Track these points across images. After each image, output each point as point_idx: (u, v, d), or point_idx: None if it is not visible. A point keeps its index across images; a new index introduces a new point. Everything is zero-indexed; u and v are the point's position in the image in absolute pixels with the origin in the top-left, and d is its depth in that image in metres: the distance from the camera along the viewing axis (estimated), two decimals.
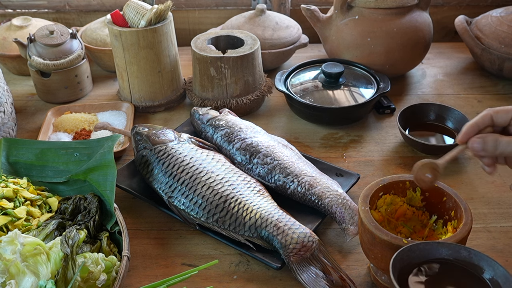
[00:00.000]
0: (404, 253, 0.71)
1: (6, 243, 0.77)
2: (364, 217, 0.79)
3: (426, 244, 0.72)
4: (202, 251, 0.95)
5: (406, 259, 0.70)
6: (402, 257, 0.70)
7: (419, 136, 1.19)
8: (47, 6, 1.71)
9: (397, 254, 0.70)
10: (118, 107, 1.33)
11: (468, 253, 0.71)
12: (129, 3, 1.25)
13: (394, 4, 1.32)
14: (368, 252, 0.82)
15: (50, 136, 1.23)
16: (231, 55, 1.23)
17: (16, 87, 1.47)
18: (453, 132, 1.20)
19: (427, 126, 1.23)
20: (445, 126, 1.22)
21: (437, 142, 1.19)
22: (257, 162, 1.04)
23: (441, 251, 0.72)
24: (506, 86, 1.42)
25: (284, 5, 1.65)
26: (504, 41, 1.36)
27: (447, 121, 1.22)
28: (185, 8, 1.70)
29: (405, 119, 1.21)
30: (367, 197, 0.83)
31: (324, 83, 1.29)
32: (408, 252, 0.71)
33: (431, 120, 1.24)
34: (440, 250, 0.72)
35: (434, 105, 1.24)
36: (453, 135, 1.19)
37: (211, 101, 1.28)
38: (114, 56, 1.29)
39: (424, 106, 1.24)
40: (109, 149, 0.98)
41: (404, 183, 0.87)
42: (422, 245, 0.72)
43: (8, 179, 0.98)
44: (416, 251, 0.71)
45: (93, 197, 0.94)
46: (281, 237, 0.88)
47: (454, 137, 1.18)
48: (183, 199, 0.97)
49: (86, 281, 0.78)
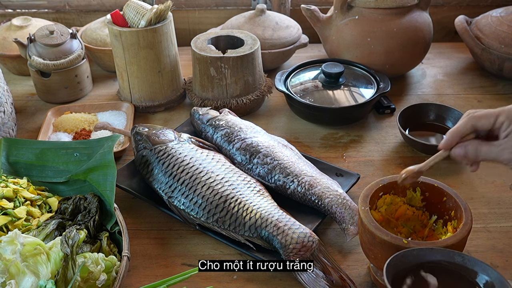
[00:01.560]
0: (398, 259, 0.71)
1: (6, 243, 0.77)
2: (364, 217, 0.79)
3: (419, 250, 0.72)
4: (202, 251, 0.95)
5: (400, 265, 0.70)
6: (396, 262, 0.70)
7: (419, 136, 1.19)
8: (47, 6, 1.71)
9: (391, 259, 0.70)
10: (118, 107, 1.33)
11: (462, 259, 0.71)
12: (129, 3, 1.25)
13: (394, 4, 1.32)
14: (368, 252, 0.82)
15: (50, 136, 1.23)
16: (231, 55, 1.23)
17: (16, 87, 1.47)
18: None
19: (427, 126, 1.23)
20: (445, 126, 1.22)
21: (437, 142, 1.19)
22: (257, 162, 1.04)
23: (435, 256, 0.72)
24: (506, 86, 1.42)
25: (284, 5, 1.65)
26: (504, 41, 1.36)
27: (447, 121, 1.22)
28: (185, 8, 1.70)
29: (405, 119, 1.21)
30: (367, 197, 0.83)
31: (324, 83, 1.29)
32: (401, 258, 0.71)
33: (431, 120, 1.24)
34: (434, 255, 0.72)
35: (434, 105, 1.24)
36: None
37: (211, 101, 1.28)
38: (114, 56, 1.29)
39: (424, 106, 1.24)
40: (109, 149, 0.98)
41: None
42: (415, 250, 0.72)
43: (8, 179, 0.98)
44: (410, 257, 0.71)
45: (93, 197, 0.94)
46: (281, 237, 0.88)
47: None
48: (183, 199, 0.97)
49: (86, 281, 0.78)
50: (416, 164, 0.80)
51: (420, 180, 0.86)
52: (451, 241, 0.75)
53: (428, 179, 0.86)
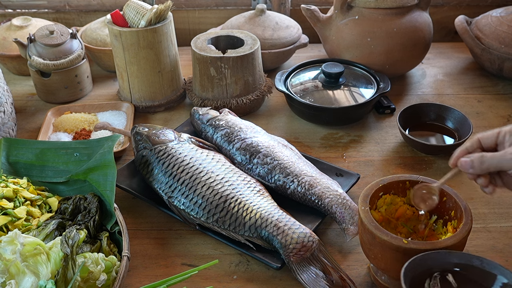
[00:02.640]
0: (416, 263, 0.71)
1: (6, 243, 0.77)
2: (364, 217, 0.79)
3: (437, 254, 0.72)
4: (202, 251, 0.95)
5: (418, 268, 0.71)
6: (414, 266, 0.71)
7: (419, 136, 1.19)
8: (47, 6, 1.71)
9: (409, 263, 0.70)
10: (118, 107, 1.33)
11: (480, 262, 0.72)
12: (129, 3, 1.25)
13: (394, 4, 1.32)
14: (368, 252, 0.82)
15: (50, 136, 1.23)
16: (231, 55, 1.23)
17: (16, 87, 1.47)
18: (453, 132, 1.20)
19: (427, 126, 1.23)
20: (445, 126, 1.22)
21: (437, 142, 1.19)
22: (257, 162, 1.04)
23: (453, 259, 0.73)
24: (506, 86, 1.42)
25: (284, 5, 1.65)
26: (504, 41, 1.36)
27: (447, 121, 1.22)
28: (185, 8, 1.70)
29: (405, 119, 1.20)
30: (367, 197, 0.83)
31: (324, 83, 1.29)
32: (420, 262, 0.71)
33: (431, 120, 1.24)
34: (451, 258, 0.73)
35: (434, 105, 1.24)
36: (453, 135, 1.19)
37: (211, 101, 1.28)
38: (114, 56, 1.29)
39: (424, 106, 1.24)
40: (109, 149, 0.98)
41: (404, 183, 0.87)
42: (433, 254, 0.72)
43: (8, 179, 0.98)
44: (428, 260, 0.72)
45: (93, 197, 0.94)
46: (281, 237, 0.88)
47: (454, 137, 1.18)
48: (183, 199, 0.97)
49: (86, 281, 0.78)
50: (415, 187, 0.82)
51: (419, 179, 0.86)
52: (451, 241, 0.75)
53: (428, 179, 0.86)
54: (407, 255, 0.74)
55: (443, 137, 1.20)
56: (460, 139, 1.16)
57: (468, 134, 1.13)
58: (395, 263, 0.77)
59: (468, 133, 1.14)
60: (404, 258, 0.74)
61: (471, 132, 1.14)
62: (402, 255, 0.75)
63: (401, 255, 0.75)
